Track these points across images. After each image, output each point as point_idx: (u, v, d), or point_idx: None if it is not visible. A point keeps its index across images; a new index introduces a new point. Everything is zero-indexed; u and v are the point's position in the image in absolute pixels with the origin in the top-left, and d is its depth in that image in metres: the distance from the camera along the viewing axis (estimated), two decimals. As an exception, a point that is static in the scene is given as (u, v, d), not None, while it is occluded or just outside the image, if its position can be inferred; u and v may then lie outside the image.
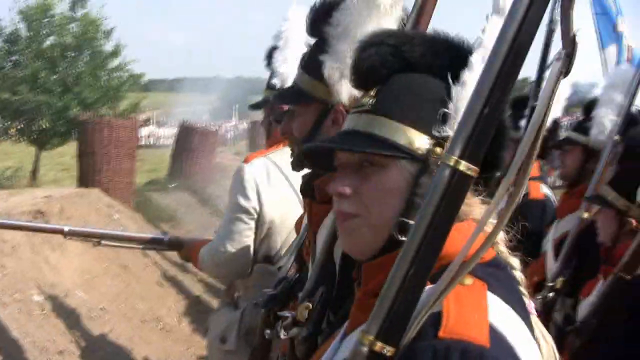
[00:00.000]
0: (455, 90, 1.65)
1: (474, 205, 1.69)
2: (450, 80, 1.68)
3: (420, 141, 1.65)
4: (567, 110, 4.89)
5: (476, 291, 1.52)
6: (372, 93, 1.75)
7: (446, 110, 1.64)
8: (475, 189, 1.69)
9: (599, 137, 4.81)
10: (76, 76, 24.72)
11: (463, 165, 1.38)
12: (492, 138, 1.42)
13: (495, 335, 1.44)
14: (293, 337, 2.49)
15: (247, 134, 42.32)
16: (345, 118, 2.55)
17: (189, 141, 19.13)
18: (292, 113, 2.82)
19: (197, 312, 9.40)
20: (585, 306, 4.04)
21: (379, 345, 1.40)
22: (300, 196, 4.02)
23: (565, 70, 1.46)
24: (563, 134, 5.07)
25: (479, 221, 1.47)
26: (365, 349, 1.41)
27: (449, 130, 1.63)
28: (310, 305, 2.46)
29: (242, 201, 4.04)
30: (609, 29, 8.48)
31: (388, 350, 1.40)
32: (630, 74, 4.69)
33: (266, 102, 4.32)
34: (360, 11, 2.43)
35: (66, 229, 4.62)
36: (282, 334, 2.57)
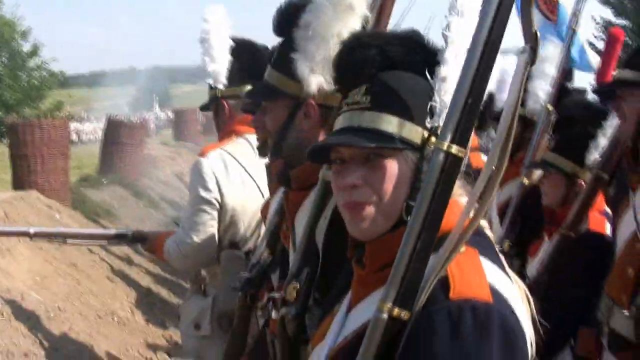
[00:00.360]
0: (437, 84, 1.88)
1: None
2: (428, 76, 1.92)
3: (417, 133, 1.88)
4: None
5: (471, 256, 1.77)
6: (363, 90, 1.96)
7: (433, 103, 1.88)
8: None
9: (534, 108, 5.11)
10: (-6, 78, 24.25)
11: (454, 149, 1.63)
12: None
13: (494, 292, 1.70)
14: (283, 316, 2.66)
15: (171, 124, 41.98)
16: (315, 111, 2.78)
17: (117, 135, 19.01)
18: (263, 108, 2.98)
19: (148, 303, 9.50)
20: (534, 266, 4.35)
21: (396, 311, 1.64)
22: (258, 183, 4.23)
23: (531, 62, 1.71)
24: (499, 106, 5.34)
25: (469, 199, 1.71)
26: (384, 316, 1.65)
27: (439, 121, 1.86)
28: (298, 286, 2.63)
29: (203, 193, 4.23)
30: None
31: (405, 314, 1.64)
32: (559, 48, 5.02)
33: (212, 101, 4.50)
34: (327, 12, 2.62)
35: (32, 230, 4.75)
36: (274, 314, 2.78)
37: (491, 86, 5.48)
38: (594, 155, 4.11)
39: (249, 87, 4.32)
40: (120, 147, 18.77)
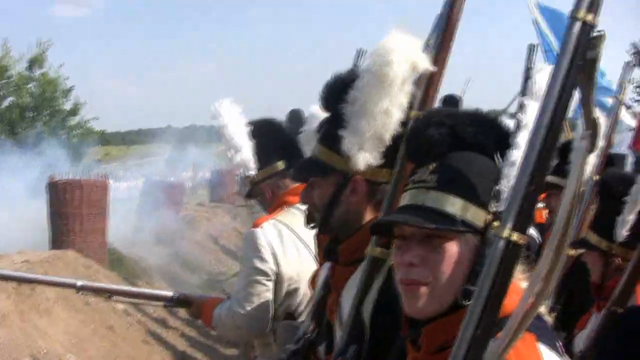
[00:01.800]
0: (506, 169, 1.89)
1: None
2: (498, 158, 1.93)
3: (480, 216, 1.89)
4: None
5: (528, 342, 1.76)
6: (430, 168, 1.99)
7: (498, 187, 1.89)
8: None
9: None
10: (36, 136, 24.65)
11: (515, 236, 1.62)
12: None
13: None
14: None
15: (207, 184, 42.18)
16: (363, 187, 2.78)
17: (155, 195, 19.24)
18: (311, 183, 2.97)
19: (183, 366, 9.50)
20: (582, 339, 4.26)
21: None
22: (313, 252, 4.21)
23: (591, 148, 1.70)
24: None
25: (529, 284, 1.69)
26: None
27: (502, 206, 1.86)
28: None
29: (259, 264, 4.19)
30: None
31: None
32: (603, 115, 4.97)
33: (252, 188, 4.51)
34: (374, 89, 2.64)
35: (79, 283, 4.75)
36: None
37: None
38: (620, 232, 4.05)
39: (280, 164, 4.43)
40: (157, 207, 18.95)
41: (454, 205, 1.90)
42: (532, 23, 10.01)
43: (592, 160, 4.90)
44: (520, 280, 1.91)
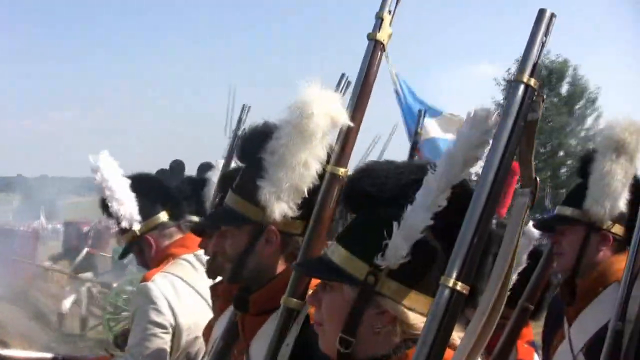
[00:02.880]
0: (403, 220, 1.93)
1: None
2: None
3: (361, 268, 1.95)
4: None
5: None
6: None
7: (387, 241, 1.92)
8: None
9: None
10: None
11: (459, 286, 1.68)
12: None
13: None
14: None
15: (58, 235, 40.75)
16: (277, 237, 2.80)
17: (9, 245, 18.42)
18: (222, 233, 2.95)
19: None
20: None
21: None
22: (207, 302, 4.17)
23: (530, 205, 1.80)
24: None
25: (464, 338, 1.75)
26: None
27: (388, 260, 1.91)
28: None
29: (155, 317, 4.10)
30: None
31: None
32: None
33: (133, 243, 4.49)
34: (293, 140, 2.67)
35: None
36: None
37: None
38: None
39: (163, 215, 4.46)
40: (10, 259, 18.12)
41: (340, 257, 2.00)
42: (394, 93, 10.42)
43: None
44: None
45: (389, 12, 2.76)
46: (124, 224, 4.36)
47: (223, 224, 2.96)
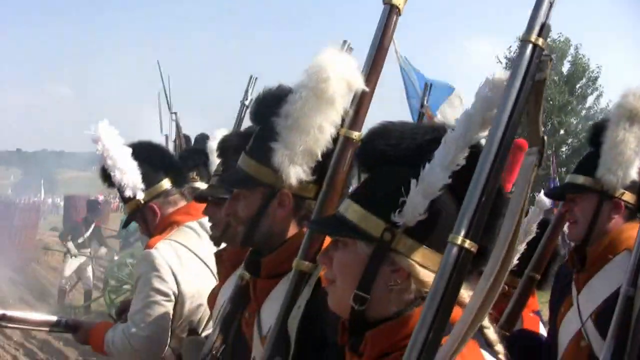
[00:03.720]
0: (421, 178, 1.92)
1: None
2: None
3: (378, 225, 1.95)
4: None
5: (472, 347, 1.84)
6: (362, 180, 2.14)
7: (404, 199, 1.92)
8: None
9: None
10: None
11: (468, 244, 1.69)
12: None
13: None
14: None
15: (57, 209, 40.85)
16: (290, 201, 2.80)
17: (11, 217, 18.43)
18: (236, 195, 2.93)
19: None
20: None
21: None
22: (211, 269, 4.17)
23: (538, 163, 1.81)
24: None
25: (473, 295, 1.76)
26: None
27: (405, 217, 1.91)
28: None
29: (158, 284, 4.11)
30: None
31: None
32: None
33: (136, 211, 4.47)
34: (309, 104, 2.66)
35: None
36: None
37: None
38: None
39: (166, 182, 4.45)
40: (12, 230, 18.16)
41: (354, 214, 1.99)
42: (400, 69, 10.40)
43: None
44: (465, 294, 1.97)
45: None
46: (128, 193, 4.34)
47: (236, 186, 2.94)
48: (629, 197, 3.66)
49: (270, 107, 2.78)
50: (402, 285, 1.93)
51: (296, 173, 2.70)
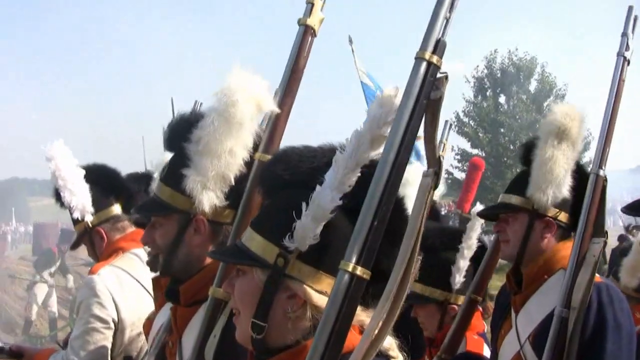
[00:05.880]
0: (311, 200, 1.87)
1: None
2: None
3: (272, 251, 1.90)
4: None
5: None
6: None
7: (295, 223, 1.86)
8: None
9: None
10: None
11: (359, 271, 1.61)
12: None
13: None
14: None
15: (29, 238, 40.48)
16: (206, 227, 2.74)
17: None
18: (153, 223, 2.91)
19: None
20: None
21: None
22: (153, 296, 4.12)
23: (435, 185, 1.74)
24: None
25: (372, 319, 1.69)
26: None
27: (297, 242, 1.86)
28: None
29: (98, 311, 4.05)
30: None
31: None
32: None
33: (84, 234, 4.44)
34: (219, 128, 2.64)
35: None
36: None
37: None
38: (457, 279, 4.23)
39: (116, 207, 4.42)
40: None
41: (252, 241, 1.95)
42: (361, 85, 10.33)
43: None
44: (363, 319, 1.93)
45: None
46: (76, 215, 4.30)
47: (150, 213, 2.92)
48: (561, 216, 3.62)
49: (181, 132, 2.77)
50: (299, 313, 1.89)
51: (209, 199, 2.69)
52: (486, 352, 4.18)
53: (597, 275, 3.33)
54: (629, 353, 3.20)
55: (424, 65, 1.67)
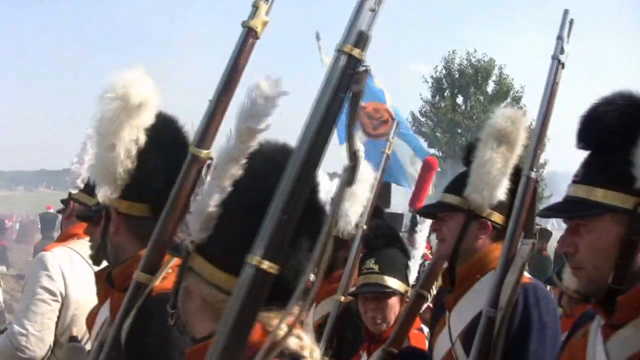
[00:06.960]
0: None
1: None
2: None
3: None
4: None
5: None
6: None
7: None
8: None
9: (346, 228, 5.12)
10: None
11: (265, 265, 1.57)
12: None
13: None
14: None
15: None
16: (121, 222, 3.01)
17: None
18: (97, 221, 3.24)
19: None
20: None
21: None
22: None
23: (350, 181, 1.70)
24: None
25: (281, 316, 1.69)
26: None
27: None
28: None
29: (46, 283, 4.13)
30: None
31: None
32: (371, 171, 5.17)
33: (66, 201, 4.66)
34: (100, 127, 2.90)
35: None
36: None
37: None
38: (414, 274, 4.29)
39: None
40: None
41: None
42: None
43: (357, 209, 5.06)
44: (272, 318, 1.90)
45: (266, 0, 2.83)
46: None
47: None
48: (497, 217, 3.64)
49: None
50: None
51: (103, 192, 2.90)
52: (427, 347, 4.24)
53: (527, 275, 3.37)
54: (553, 352, 3.23)
55: (343, 58, 1.62)
